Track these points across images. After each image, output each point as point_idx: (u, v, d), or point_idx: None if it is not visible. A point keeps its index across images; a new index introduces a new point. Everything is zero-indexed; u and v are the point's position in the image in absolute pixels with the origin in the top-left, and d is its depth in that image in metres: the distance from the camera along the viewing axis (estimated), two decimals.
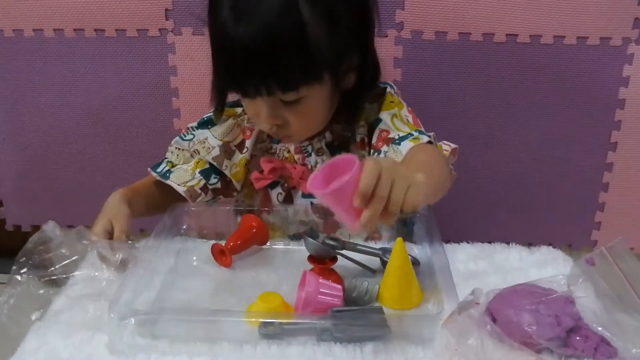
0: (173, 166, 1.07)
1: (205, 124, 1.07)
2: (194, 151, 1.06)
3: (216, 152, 1.05)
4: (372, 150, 0.98)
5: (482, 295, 0.74)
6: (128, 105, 1.27)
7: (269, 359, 0.71)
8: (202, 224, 1.03)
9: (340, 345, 0.72)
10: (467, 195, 1.14)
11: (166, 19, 1.20)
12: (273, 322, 0.74)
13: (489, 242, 1.07)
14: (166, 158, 1.09)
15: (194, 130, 1.07)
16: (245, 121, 1.06)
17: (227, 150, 1.06)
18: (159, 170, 1.06)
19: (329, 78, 0.90)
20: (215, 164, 1.06)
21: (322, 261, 0.86)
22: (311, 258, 0.87)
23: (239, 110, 1.07)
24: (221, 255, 0.93)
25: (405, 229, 1.04)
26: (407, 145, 0.92)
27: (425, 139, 0.93)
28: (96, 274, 0.86)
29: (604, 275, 0.75)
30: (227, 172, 1.07)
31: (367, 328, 0.74)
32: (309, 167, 1.04)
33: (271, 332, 0.73)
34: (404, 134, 0.95)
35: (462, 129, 1.20)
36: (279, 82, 0.86)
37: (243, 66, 0.86)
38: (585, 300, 0.74)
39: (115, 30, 1.21)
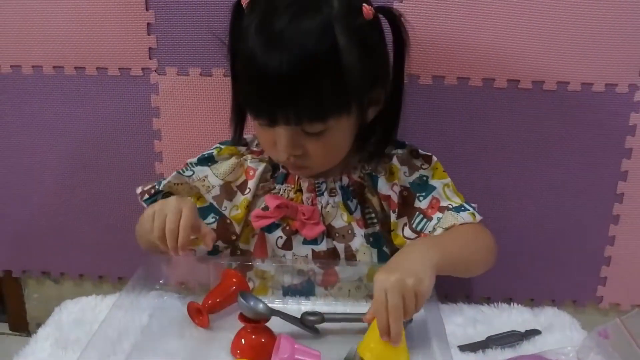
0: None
1: (206, 160, 1.01)
2: (193, 188, 1.00)
3: (216, 191, 1.00)
4: (419, 215, 0.98)
5: None
6: (108, 148, 1.21)
7: None
8: (181, 277, 0.95)
9: None
10: None
11: (149, 58, 1.14)
12: None
13: (488, 299, 1.04)
14: (161, 190, 1.01)
15: (194, 167, 1.00)
16: (249, 160, 1.00)
17: (228, 191, 1.00)
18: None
19: (355, 110, 0.88)
20: (214, 203, 0.99)
21: (256, 320, 0.81)
22: (242, 317, 0.81)
23: (242, 149, 1.01)
24: (198, 315, 0.87)
25: None
26: (466, 217, 0.96)
27: (479, 217, 0.97)
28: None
29: (619, 349, 0.70)
30: (226, 214, 1.00)
31: None
32: (320, 207, 0.98)
33: None
34: (457, 205, 0.98)
35: (460, 177, 1.13)
36: (310, 111, 0.83)
37: (273, 93, 0.83)
38: None
39: (96, 68, 1.16)
